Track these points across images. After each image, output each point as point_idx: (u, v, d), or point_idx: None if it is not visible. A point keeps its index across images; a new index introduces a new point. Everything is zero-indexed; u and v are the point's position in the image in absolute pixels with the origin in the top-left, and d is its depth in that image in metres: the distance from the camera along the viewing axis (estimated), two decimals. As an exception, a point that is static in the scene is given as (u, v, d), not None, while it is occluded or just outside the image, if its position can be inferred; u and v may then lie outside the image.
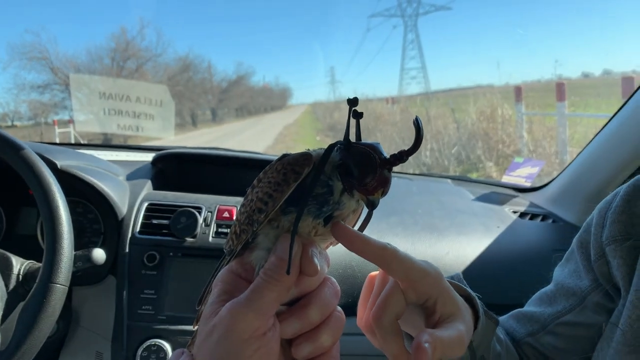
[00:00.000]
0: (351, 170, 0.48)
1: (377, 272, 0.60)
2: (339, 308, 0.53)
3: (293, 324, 0.49)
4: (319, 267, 0.49)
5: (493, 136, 8.18)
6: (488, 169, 7.29)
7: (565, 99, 6.64)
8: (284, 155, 0.51)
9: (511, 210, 1.64)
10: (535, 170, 1.84)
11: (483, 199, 1.72)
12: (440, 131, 9.04)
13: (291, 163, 0.49)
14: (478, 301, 0.64)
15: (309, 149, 0.51)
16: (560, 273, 0.82)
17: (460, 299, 0.59)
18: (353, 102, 0.48)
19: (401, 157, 0.47)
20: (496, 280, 1.31)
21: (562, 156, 6.21)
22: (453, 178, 1.94)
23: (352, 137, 0.50)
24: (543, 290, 0.84)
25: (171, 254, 1.25)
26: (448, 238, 1.41)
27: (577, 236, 0.79)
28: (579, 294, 0.74)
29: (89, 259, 1.07)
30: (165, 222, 1.29)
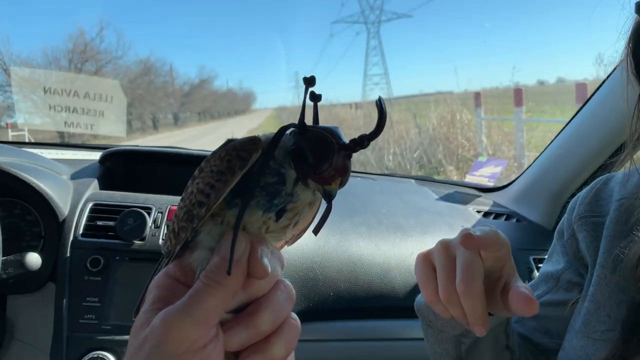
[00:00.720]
0: (306, 156, 0.42)
1: (429, 249, 0.62)
2: (293, 315, 0.46)
3: (239, 333, 0.43)
4: (269, 269, 0.43)
5: (453, 140, 8.34)
6: (449, 172, 7.41)
7: (523, 104, 6.82)
8: (229, 141, 0.45)
9: (475, 210, 1.62)
10: (498, 169, 1.83)
11: (447, 198, 1.69)
12: (403, 136, 9.15)
13: (237, 148, 0.43)
14: None
15: (258, 135, 0.45)
16: (543, 267, 0.85)
17: None
18: (309, 81, 0.42)
19: (362, 142, 0.41)
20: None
21: (520, 160, 6.36)
22: (416, 178, 1.92)
23: (310, 122, 0.44)
24: (530, 282, 0.87)
25: (117, 258, 1.16)
26: (412, 237, 1.37)
27: (555, 232, 0.83)
28: (555, 276, 0.78)
29: (21, 264, 0.97)
30: (111, 223, 1.20)
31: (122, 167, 1.50)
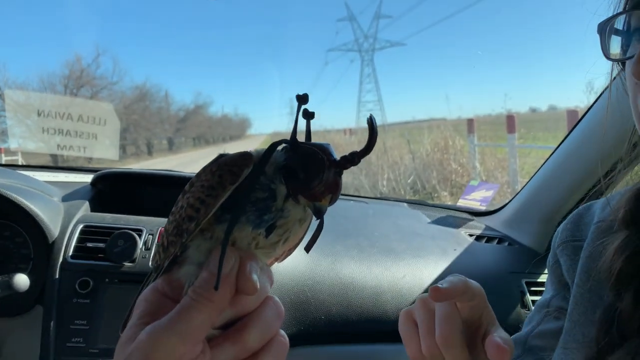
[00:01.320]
0: (297, 172, 0.42)
1: (410, 307, 0.63)
2: (281, 332, 0.46)
3: (227, 350, 0.42)
4: (258, 285, 0.42)
5: (447, 166, 8.38)
6: (443, 198, 7.42)
7: (516, 131, 6.89)
8: (220, 156, 0.46)
9: (467, 234, 1.62)
10: (490, 193, 1.84)
11: (439, 222, 1.70)
12: (397, 161, 9.19)
13: (228, 164, 0.43)
14: None
15: (249, 150, 0.46)
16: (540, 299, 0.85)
17: None
18: (302, 98, 0.43)
19: (352, 158, 0.42)
20: (454, 305, 1.27)
21: (513, 185, 6.39)
22: (409, 202, 1.92)
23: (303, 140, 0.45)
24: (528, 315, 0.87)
25: (107, 280, 1.15)
26: (405, 261, 1.37)
27: (550, 254, 0.82)
28: (545, 304, 0.77)
29: (9, 285, 0.96)
30: (101, 245, 1.20)
31: (113, 190, 1.49)
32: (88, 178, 1.59)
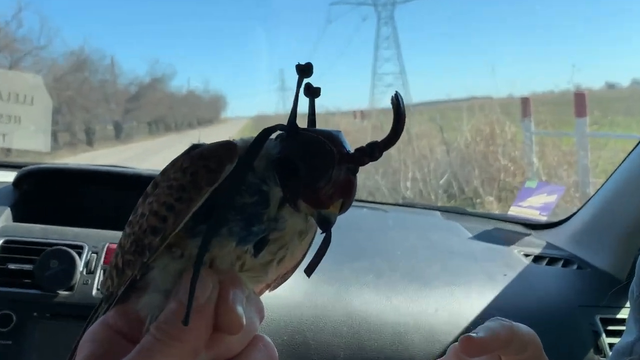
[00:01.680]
0: (296, 168, 0.43)
1: (442, 359, 0.63)
2: None
3: None
4: (244, 320, 0.43)
5: (493, 162, 8.38)
6: (488, 204, 7.43)
7: (587, 114, 6.88)
8: (194, 147, 0.47)
9: (522, 253, 1.64)
10: (552, 198, 1.85)
11: (484, 237, 1.71)
12: (426, 155, 9.19)
13: (204, 157, 0.44)
14: None
15: (233, 139, 0.46)
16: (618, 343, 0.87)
17: None
18: (304, 69, 0.44)
19: (372, 151, 0.42)
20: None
21: (583, 188, 6.40)
22: (443, 210, 1.93)
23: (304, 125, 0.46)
24: None
25: (35, 314, 1.17)
26: (437, 290, 1.38)
27: (632, 283, 0.84)
28: (628, 350, 0.78)
29: None
30: (27, 267, 1.21)
31: (43, 192, 1.51)
32: (8, 176, 1.61)
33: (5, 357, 1.14)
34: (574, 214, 1.76)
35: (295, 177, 0.43)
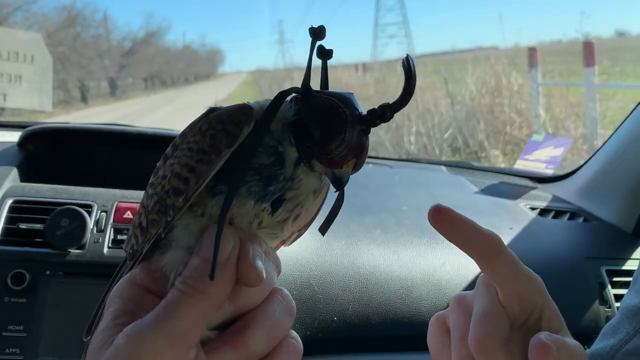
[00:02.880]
0: (311, 130, 0.45)
1: (444, 311, 0.62)
2: (293, 333, 0.50)
3: (227, 356, 0.46)
4: (263, 274, 0.46)
5: (499, 115, 8.34)
6: (493, 158, 7.44)
7: (596, 63, 6.83)
8: (212, 110, 0.49)
9: (528, 206, 1.66)
10: (559, 152, 1.86)
11: (490, 191, 1.73)
12: (430, 109, 9.14)
13: (222, 120, 0.46)
14: None
15: (248, 102, 0.49)
16: (626, 297, 0.85)
17: None
18: (317, 32, 0.46)
19: (383, 113, 0.45)
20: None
21: (591, 140, 6.39)
22: (449, 165, 1.95)
23: (317, 86, 0.48)
24: (610, 321, 0.87)
25: (47, 272, 1.20)
26: (444, 244, 1.39)
27: None
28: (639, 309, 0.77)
29: None
30: (38, 226, 1.23)
31: (49, 152, 1.53)
32: (12, 136, 1.62)
33: (20, 314, 1.17)
34: (581, 167, 1.77)
35: (310, 139, 0.45)
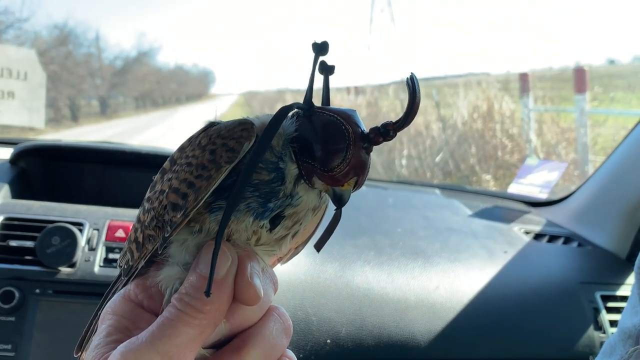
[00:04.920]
0: (312, 147, 0.45)
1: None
2: (289, 352, 0.50)
3: None
4: (261, 292, 0.46)
5: (491, 140, 8.36)
6: (484, 183, 7.44)
7: (587, 89, 6.87)
8: (211, 125, 0.49)
9: (522, 230, 1.67)
10: (554, 176, 1.87)
11: (484, 214, 1.74)
12: (421, 132, 9.16)
13: (223, 135, 0.46)
14: None
15: (248, 117, 0.49)
16: (622, 317, 0.86)
17: None
18: (321, 47, 0.46)
19: (386, 131, 0.45)
20: (505, 325, 1.32)
21: (582, 166, 6.41)
22: (442, 187, 1.95)
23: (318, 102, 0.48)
24: (609, 339, 0.87)
25: (37, 290, 1.19)
26: (438, 267, 1.41)
27: (637, 261, 0.83)
28: (634, 334, 0.78)
29: None
30: (29, 244, 1.23)
31: (41, 169, 1.52)
32: (4, 152, 1.62)
33: (8, 333, 1.16)
34: (575, 191, 1.78)
35: (311, 156, 0.45)
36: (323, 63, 0.47)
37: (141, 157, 1.51)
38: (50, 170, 1.54)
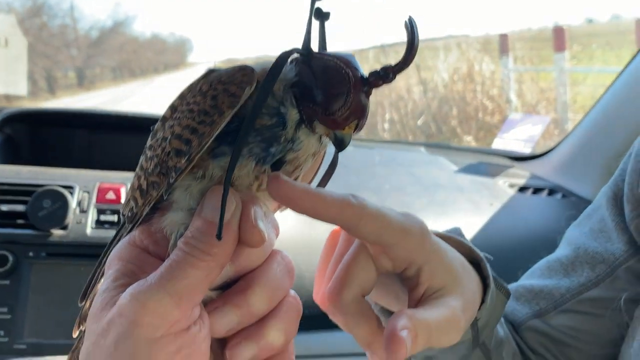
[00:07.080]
0: (312, 91, 0.46)
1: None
2: (292, 292, 0.51)
3: (228, 315, 0.47)
4: (266, 235, 0.47)
5: (471, 101, 8.38)
6: (466, 144, 7.47)
7: (566, 48, 6.89)
8: (210, 72, 0.49)
9: (507, 184, 1.69)
10: (537, 130, 1.89)
11: (470, 170, 1.76)
12: (402, 96, 9.14)
13: (224, 81, 0.46)
14: (487, 264, 0.63)
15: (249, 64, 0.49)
16: (577, 234, 0.83)
17: (459, 264, 0.59)
18: None
19: (386, 75, 0.45)
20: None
21: (562, 124, 6.45)
22: (428, 145, 1.97)
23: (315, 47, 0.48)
24: (553, 256, 0.84)
25: (31, 254, 1.20)
26: (427, 220, 1.36)
27: (605, 188, 0.82)
28: (610, 261, 0.76)
29: None
30: (20, 208, 1.23)
31: (28, 135, 1.52)
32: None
33: (4, 296, 1.17)
34: (557, 145, 1.80)
35: (313, 100, 0.46)
36: (319, 9, 0.47)
37: (127, 120, 1.51)
38: (37, 136, 1.53)
